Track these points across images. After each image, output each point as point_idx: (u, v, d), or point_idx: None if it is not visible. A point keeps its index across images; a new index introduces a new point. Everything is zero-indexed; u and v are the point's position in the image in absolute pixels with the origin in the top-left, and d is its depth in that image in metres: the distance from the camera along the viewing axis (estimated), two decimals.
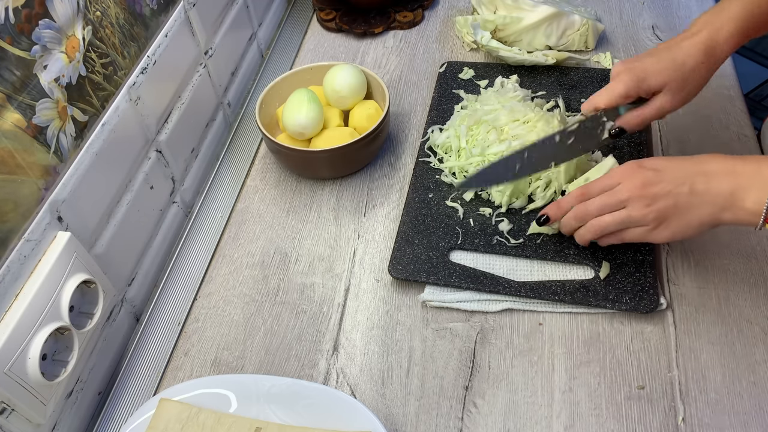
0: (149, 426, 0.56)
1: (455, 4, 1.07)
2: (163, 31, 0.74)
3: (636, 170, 0.60)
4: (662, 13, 1.00)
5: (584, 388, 0.61)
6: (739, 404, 0.58)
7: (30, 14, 0.53)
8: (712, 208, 0.57)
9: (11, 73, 0.51)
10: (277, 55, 1.04)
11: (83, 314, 0.59)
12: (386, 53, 0.99)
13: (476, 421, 0.59)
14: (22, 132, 0.53)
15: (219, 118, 0.90)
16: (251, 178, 0.84)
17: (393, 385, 0.62)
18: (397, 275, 0.69)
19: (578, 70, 0.90)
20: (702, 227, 0.58)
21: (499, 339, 0.65)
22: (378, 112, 0.82)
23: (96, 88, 0.62)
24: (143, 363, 0.68)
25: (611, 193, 0.61)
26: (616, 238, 0.63)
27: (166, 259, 0.77)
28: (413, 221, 0.74)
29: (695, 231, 0.59)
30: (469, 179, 0.72)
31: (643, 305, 0.64)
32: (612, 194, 0.61)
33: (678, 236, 0.60)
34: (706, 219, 0.58)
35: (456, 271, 0.68)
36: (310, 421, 0.56)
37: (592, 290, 0.65)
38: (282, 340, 0.67)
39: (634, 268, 0.66)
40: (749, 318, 0.64)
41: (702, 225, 0.58)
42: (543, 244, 0.70)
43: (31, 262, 0.54)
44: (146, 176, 0.71)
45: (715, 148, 0.79)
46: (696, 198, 0.57)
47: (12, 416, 0.52)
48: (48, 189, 0.56)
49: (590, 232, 0.63)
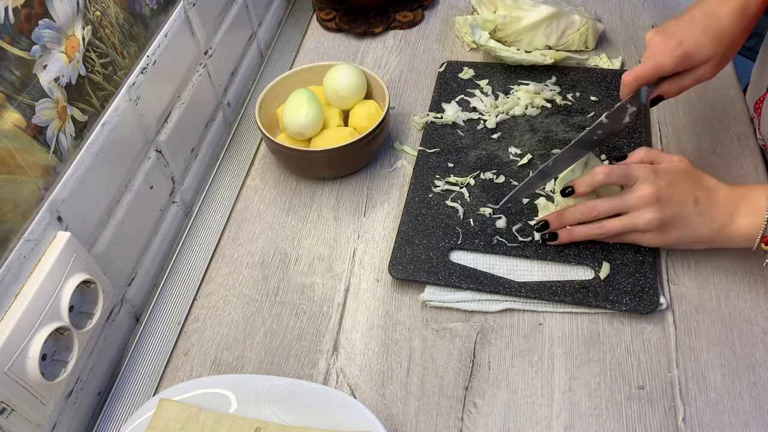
0: (149, 426, 0.56)
1: (455, 4, 1.07)
2: (163, 30, 0.74)
3: (654, 177, 0.62)
4: (662, 13, 1.00)
5: (584, 388, 0.61)
6: (739, 404, 0.58)
7: (30, 14, 0.53)
8: (708, 231, 0.62)
9: (11, 73, 0.51)
10: (277, 55, 1.04)
11: (83, 314, 0.59)
12: (386, 53, 0.99)
13: (476, 421, 0.59)
14: (21, 132, 0.53)
15: (219, 118, 0.90)
16: (251, 178, 0.84)
17: (393, 385, 0.62)
18: (397, 275, 0.69)
19: (577, 70, 0.90)
20: (698, 245, 0.64)
21: (499, 339, 0.65)
22: (378, 112, 0.82)
23: (96, 88, 0.62)
24: (143, 363, 0.68)
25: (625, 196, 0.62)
26: (616, 239, 0.67)
27: (166, 259, 0.77)
28: (413, 221, 0.74)
29: (691, 246, 0.65)
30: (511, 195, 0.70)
31: (643, 306, 0.64)
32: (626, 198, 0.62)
33: (675, 246, 0.65)
34: (703, 238, 0.63)
35: (456, 271, 0.68)
36: (310, 421, 0.56)
37: (592, 291, 0.65)
38: (282, 340, 0.67)
39: (634, 268, 0.66)
40: (749, 318, 0.64)
41: (698, 243, 0.64)
42: (543, 244, 0.70)
43: (31, 262, 0.54)
44: (146, 176, 0.71)
45: (715, 148, 0.79)
46: (697, 218, 0.61)
47: (12, 416, 0.52)
48: (48, 189, 0.56)
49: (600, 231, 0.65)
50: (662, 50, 0.64)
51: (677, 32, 0.64)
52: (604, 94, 0.86)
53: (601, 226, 0.65)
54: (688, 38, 0.63)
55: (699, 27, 0.64)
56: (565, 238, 0.67)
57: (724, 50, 0.64)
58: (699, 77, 0.65)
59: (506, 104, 0.86)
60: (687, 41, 0.63)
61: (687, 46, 0.63)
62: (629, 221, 0.63)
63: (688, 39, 0.63)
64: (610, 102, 0.85)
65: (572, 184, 0.66)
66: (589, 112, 0.84)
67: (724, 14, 0.63)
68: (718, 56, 0.64)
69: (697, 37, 0.63)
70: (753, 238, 0.60)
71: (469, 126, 0.84)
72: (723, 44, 0.63)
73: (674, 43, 0.63)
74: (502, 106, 0.86)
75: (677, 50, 0.63)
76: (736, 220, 0.61)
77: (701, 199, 0.61)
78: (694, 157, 0.78)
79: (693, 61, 0.64)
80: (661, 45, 0.64)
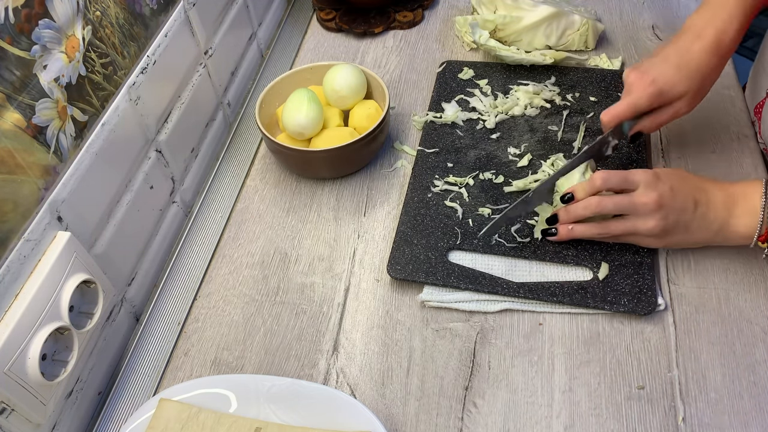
0: (149, 426, 0.56)
1: (455, 3, 1.07)
2: (163, 30, 0.74)
3: (656, 182, 0.63)
4: (662, 13, 1.00)
5: (584, 388, 0.61)
6: (739, 404, 0.58)
7: (30, 14, 0.53)
8: (707, 233, 0.63)
9: (11, 72, 0.51)
10: (277, 54, 1.04)
11: (83, 314, 0.59)
12: (386, 53, 0.99)
13: (476, 421, 0.59)
14: (21, 132, 0.53)
15: (219, 118, 0.90)
16: (251, 178, 0.84)
17: (393, 385, 0.62)
18: (395, 275, 0.69)
19: (577, 70, 0.90)
20: (697, 245, 0.66)
21: (499, 339, 0.65)
22: (378, 112, 0.82)
23: (96, 88, 0.62)
24: (143, 363, 0.67)
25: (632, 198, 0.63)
26: (615, 239, 0.67)
27: (166, 259, 0.77)
28: (412, 221, 0.74)
29: (690, 246, 0.67)
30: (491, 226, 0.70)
31: (641, 307, 0.64)
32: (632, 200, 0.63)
33: (674, 247, 0.67)
34: (702, 240, 0.65)
35: (455, 271, 0.68)
36: (310, 421, 0.56)
37: (591, 292, 0.65)
38: (282, 340, 0.67)
39: (633, 269, 0.66)
40: (749, 318, 0.64)
41: (697, 243, 0.66)
42: (542, 245, 0.70)
43: (31, 262, 0.54)
44: (146, 176, 0.71)
45: (715, 148, 0.79)
46: (696, 222, 0.63)
47: (12, 416, 0.52)
48: (48, 189, 0.56)
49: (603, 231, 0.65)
50: (637, 88, 0.67)
51: (651, 70, 0.67)
52: (604, 94, 0.86)
53: (603, 227, 0.65)
54: (661, 76, 0.66)
55: (672, 65, 0.66)
56: (565, 236, 0.67)
57: (698, 86, 0.66)
58: (675, 113, 0.68)
59: (505, 104, 0.86)
60: (660, 79, 0.66)
61: (660, 84, 0.66)
62: (631, 225, 0.64)
63: (661, 77, 0.66)
64: (609, 102, 0.85)
65: (572, 191, 0.67)
66: (589, 113, 0.84)
67: (697, 51, 0.66)
68: (691, 92, 0.66)
69: (670, 75, 0.66)
70: (750, 236, 0.62)
71: (468, 126, 0.84)
72: (696, 80, 0.66)
73: (648, 80, 0.66)
74: (501, 106, 0.86)
75: (650, 88, 0.66)
76: (733, 220, 0.62)
77: (700, 202, 0.62)
78: (694, 157, 0.78)
79: (667, 97, 0.67)
80: (636, 83, 0.67)
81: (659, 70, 0.66)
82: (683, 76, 0.66)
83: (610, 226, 0.65)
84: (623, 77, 0.70)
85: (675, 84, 0.66)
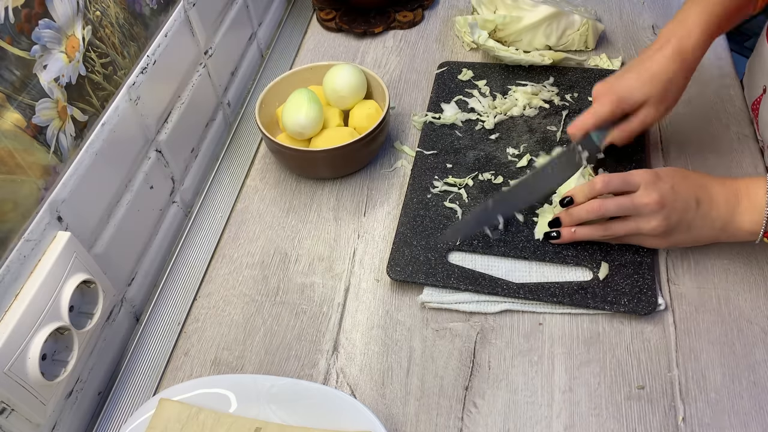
0: (149, 426, 0.56)
1: (455, 4, 1.07)
2: (163, 30, 0.74)
3: (656, 182, 0.63)
4: (662, 13, 1.00)
5: (584, 388, 0.61)
6: (739, 404, 0.58)
7: (30, 14, 0.53)
8: (711, 231, 0.63)
9: (11, 72, 0.51)
10: (277, 54, 1.04)
11: (83, 314, 0.59)
12: (386, 53, 0.99)
13: (476, 421, 0.59)
14: (21, 132, 0.53)
15: (219, 118, 0.90)
16: (251, 178, 0.84)
17: (393, 385, 0.62)
18: (395, 277, 0.69)
19: (576, 70, 0.90)
20: (701, 243, 0.66)
21: (499, 339, 0.65)
22: (378, 112, 0.82)
23: (96, 88, 0.62)
24: (143, 363, 0.67)
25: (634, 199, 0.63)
26: (618, 240, 0.67)
27: (166, 259, 0.77)
28: (411, 222, 0.74)
29: (695, 245, 0.66)
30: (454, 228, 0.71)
31: (641, 307, 0.64)
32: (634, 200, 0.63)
33: (678, 246, 0.67)
34: (705, 238, 0.65)
35: (454, 272, 0.68)
36: (310, 421, 0.56)
37: (591, 292, 0.65)
38: (282, 340, 0.67)
39: (633, 269, 0.66)
40: (749, 318, 0.64)
41: (701, 241, 0.65)
42: (542, 245, 0.70)
43: (31, 262, 0.54)
44: (146, 176, 0.71)
45: (715, 147, 0.79)
46: (699, 220, 0.63)
47: (12, 416, 0.52)
48: (48, 189, 0.56)
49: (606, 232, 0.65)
50: (599, 98, 0.70)
51: (612, 80, 0.70)
52: None
53: (606, 228, 0.65)
54: (620, 83, 0.69)
55: (633, 72, 0.69)
56: (568, 238, 0.67)
57: (659, 91, 0.67)
58: (643, 120, 0.69)
59: (504, 105, 0.86)
60: (618, 86, 0.69)
61: (619, 91, 0.68)
62: (634, 226, 0.64)
63: (620, 83, 0.69)
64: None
65: (571, 194, 0.67)
66: None
67: (656, 58, 0.68)
68: (654, 97, 0.68)
69: (629, 81, 0.68)
70: (756, 233, 0.61)
71: (467, 127, 0.84)
72: (656, 85, 0.67)
73: (607, 89, 0.69)
74: (500, 106, 0.86)
75: (610, 96, 0.68)
76: (737, 217, 0.62)
77: (702, 200, 0.62)
78: (694, 157, 0.78)
79: (628, 104, 0.68)
80: (598, 93, 0.70)
81: (619, 79, 0.69)
82: (642, 80, 0.68)
83: (612, 227, 0.65)
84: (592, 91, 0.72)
85: (633, 90, 0.68)
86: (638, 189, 0.63)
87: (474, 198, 0.75)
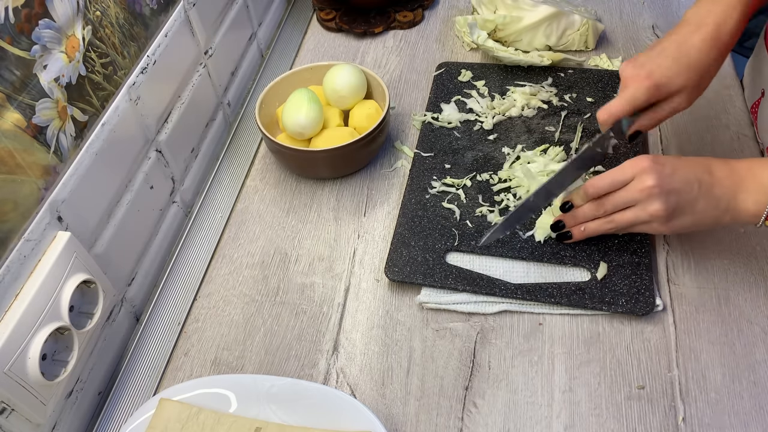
0: (149, 426, 0.56)
1: (455, 4, 1.07)
2: (163, 30, 0.74)
3: (652, 166, 0.60)
4: (662, 13, 1.00)
5: (584, 388, 0.61)
6: (739, 404, 0.58)
7: (30, 14, 0.53)
8: (715, 211, 0.60)
9: (11, 72, 0.51)
10: (277, 54, 1.04)
11: (83, 314, 0.59)
12: (386, 53, 0.99)
13: (476, 421, 0.59)
14: (21, 132, 0.53)
15: (219, 118, 0.90)
16: (251, 178, 0.84)
17: (393, 385, 0.62)
18: (393, 277, 0.69)
19: (575, 71, 0.90)
20: (705, 226, 0.62)
21: (499, 339, 0.65)
22: (378, 112, 0.82)
23: (96, 88, 0.62)
24: (143, 363, 0.67)
25: (629, 189, 0.61)
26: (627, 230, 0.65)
27: (166, 259, 0.77)
28: (410, 223, 0.74)
29: (698, 228, 0.62)
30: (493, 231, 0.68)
31: (639, 308, 0.64)
32: (630, 191, 0.61)
33: (681, 231, 0.63)
34: (709, 220, 0.61)
35: (452, 272, 0.68)
36: (310, 421, 0.56)
37: (588, 292, 0.65)
38: (282, 340, 0.67)
39: (631, 270, 0.66)
40: (749, 318, 0.64)
41: (705, 223, 0.61)
42: (540, 246, 0.70)
43: (31, 262, 0.54)
44: (146, 176, 0.71)
45: (715, 147, 0.79)
46: (702, 200, 0.60)
47: (12, 416, 0.52)
48: (48, 189, 0.56)
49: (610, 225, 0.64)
50: (633, 83, 0.64)
51: (648, 63, 0.64)
52: (601, 95, 0.86)
53: (611, 220, 0.64)
54: (658, 69, 0.64)
55: (669, 58, 0.64)
56: (579, 236, 0.67)
57: (696, 80, 0.64)
58: (674, 108, 0.66)
59: (503, 105, 0.86)
60: (656, 72, 0.64)
61: (657, 77, 0.64)
62: (637, 213, 0.62)
63: (658, 70, 0.64)
64: (606, 102, 0.84)
65: (570, 199, 0.67)
66: (586, 113, 0.84)
67: (695, 44, 0.63)
68: (690, 86, 0.64)
69: (666, 68, 0.63)
70: (759, 215, 0.59)
71: (465, 127, 0.84)
72: (694, 74, 0.64)
73: (644, 75, 0.64)
74: (498, 107, 0.86)
75: (647, 82, 0.64)
76: (741, 196, 0.59)
77: (703, 180, 0.60)
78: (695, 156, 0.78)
79: (664, 92, 0.64)
80: (632, 78, 0.65)
81: (656, 63, 0.64)
82: (681, 68, 0.63)
83: (616, 218, 0.63)
84: (619, 71, 0.68)
85: (672, 77, 0.63)
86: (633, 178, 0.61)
87: (472, 198, 0.75)
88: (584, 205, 0.65)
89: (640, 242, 0.69)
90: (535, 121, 0.84)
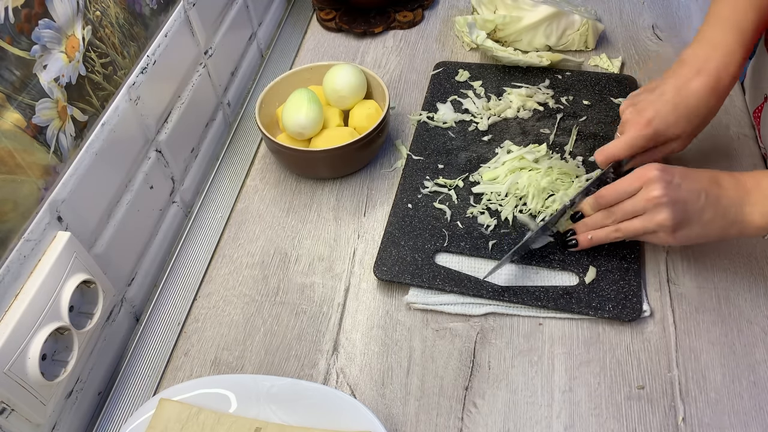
0: (149, 426, 0.56)
1: (455, 4, 1.07)
2: (163, 30, 0.74)
3: (659, 176, 0.61)
4: (662, 13, 1.00)
5: (584, 388, 0.61)
6: (739, 404, 0.58)
7: (30, 14, 0.53)
8: (722, 221, 0.60)
9: (11, 72, 0.51)
10: (276, 55, 1.04)
11: (83, 314, 0.59)
12: (386, 53, 0.99)
13: (476, 421, 0.59)
14: (21, 132, 0.53)
15: (219, 118, 0.90)
16: (251, 178, 0.84)
17: (393, 385, 0.62)
18: (381, 276, 0.69)
19: (572, 73, 0.90)
20: (710, 238, 0.62)
21: (499, 339, 0.65)
22: (378, 112, 0.82)
23: (96, 88, 0.62)
24: (143, 363, 0.67)
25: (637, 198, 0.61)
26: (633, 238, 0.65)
27: (166, 259, 0.77)
28: (400, 222, 0.73)
29: (704, 239, 0.62)
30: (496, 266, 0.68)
31: (625, 313, 0.64)
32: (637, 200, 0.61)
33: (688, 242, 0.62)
34: (716, 231, 0.61)
35: (440, 273, 0.68)
36: (310, 421, 0.56)
37: (576, 297, 0.65)
38: (282, 340, 0.67)
39: (619, 275, 0.66)
40: (749, 318, 0.64)
41: (712, 235, 0.61)
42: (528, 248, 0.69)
43: (31, 262, 0.54)
44: (146, 176, 0.71)
45: (715, 148, 0.79)
46: (709, 210, 0.60)
47: (12, 416, 0.52)
48: (48, 189, 0.56)
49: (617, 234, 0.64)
50: (633, 129, 0.66)
51: (648, 108, 0.65)
52: (597, 98, 0.86)
53: (618, 229, 0.64)
54: (658, 116, 0.65)
55: (669, 104, 0.65)
56: (586, 244, 0.67)
57: (695, 127, 0.66)
58: (670, 152, 0.68)
59: (498, 106, 0.86)
60: (656, 120, 0.65)
61: (656, 125, 0.65)
62: (644, 223, 0.62)
63: (658, 117, 0.65)
64: (602, 106, 0.85)
65: (580, 209, 0.67)
66: (581, 116, 0.84)
67: (695, 90, 0.64)
68: (687, 132, 0.66)
69: (666, 115, 0.64)
70: (766, 227, 0.59)
71: (460, 128, 0.84)
72: (692, 122, 0.65)
73: (644, 121, 0.65)
74: (494, 108, 0.86)
75: (646, 130, 0.65)
76: (747, 209, 0.59)
77: (710, 191, 0.60)
78: (694, 157, 0.78)
79: (662, 138, 0.66)
80: (632, 121, 0.66)
81: (656, 109, 0.65)
82: (680, 116, 0.64)
83: (623, 227, 0.63)
84: (620, 111, 0.69)
85: (671, 125, 0.65)
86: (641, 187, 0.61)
87: (464, 199, 0.75)
88: (594, 215, 0.66)
89: (630, 248, 0.68)
90: (530, 123, 0.84)
